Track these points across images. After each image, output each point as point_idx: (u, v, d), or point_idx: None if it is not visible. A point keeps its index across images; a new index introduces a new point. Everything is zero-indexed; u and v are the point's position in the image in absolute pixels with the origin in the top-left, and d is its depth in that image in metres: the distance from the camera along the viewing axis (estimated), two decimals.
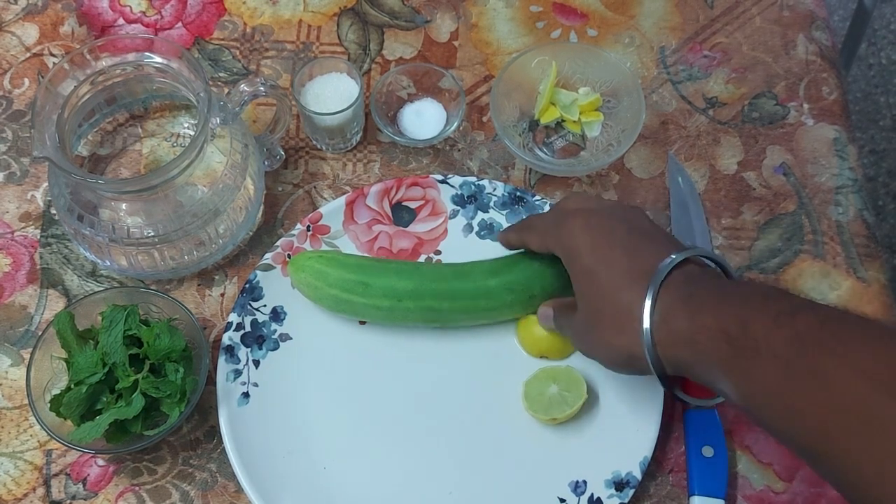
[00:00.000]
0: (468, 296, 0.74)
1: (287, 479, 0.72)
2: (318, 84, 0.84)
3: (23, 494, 0.73)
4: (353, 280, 0.73)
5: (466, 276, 0.74)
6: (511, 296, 0.74)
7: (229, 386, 0.75)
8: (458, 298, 0.73)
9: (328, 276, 0.74)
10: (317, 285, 0.74)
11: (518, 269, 0.74)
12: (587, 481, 0.72)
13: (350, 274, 0.74)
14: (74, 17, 0.92)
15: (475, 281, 0.74)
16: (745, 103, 0.89)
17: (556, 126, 0.87)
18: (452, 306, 0.74)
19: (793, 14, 0.93)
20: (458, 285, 0.74)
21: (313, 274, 0.74)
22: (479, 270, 0.74)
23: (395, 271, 0.74)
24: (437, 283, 0.74)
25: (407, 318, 0.75)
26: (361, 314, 0.75)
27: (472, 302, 0.74)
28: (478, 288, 0.74)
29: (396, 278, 0.73)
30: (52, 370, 0.73)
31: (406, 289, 0.73)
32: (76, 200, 0.75)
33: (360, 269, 0.74)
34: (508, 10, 0.93)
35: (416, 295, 0.73)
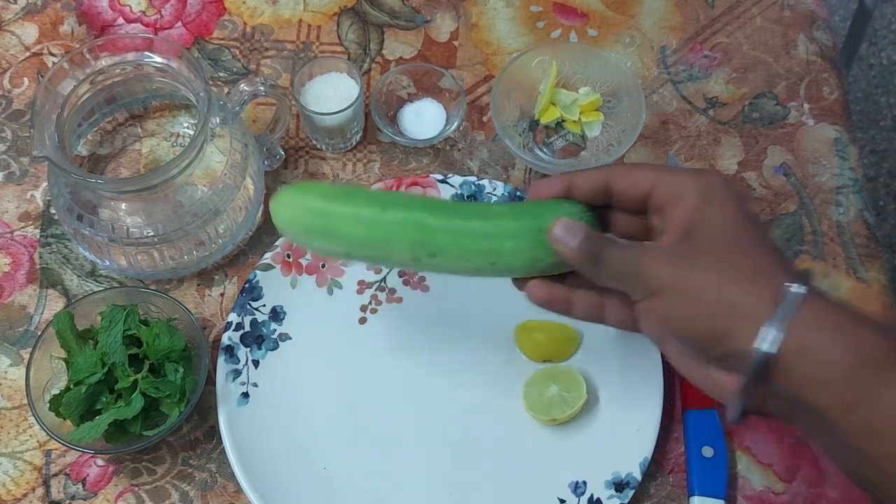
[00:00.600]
0: (462, 213, 0.62)
1: (286, 479, 0.72)
2: (317, 84, 0.84)
3: (22, 494, 0.73)
4: (338, 191, 0.63)
5: (464, 204, 0.67)
6: (515, 222, 0.61)
7: (229, 386, 0.75)
8: (451, 214, 0.61)
9: (309, 189, 0.64)
10: (293, 200, 0.63)
11: (528, 203, 0.63)
12: (587, 482, 0.72)
13: (337, 188, 0.64)
14: (74, 17, 0.92)
15: (474, 207, 0.65)
16: (746, 103, 0.89)
17: (557, 126, 0.87)
18: (444, 224, 0.61)
19: (793, 14, 0.93)
20: (455, 205, 0.65)
21: (295, 191, 0.64)
22: (481, 203, 0.66)
23: (382, 190, 0.66)
24: (430, 200, 0.66)
25: (391, 236, 0.61)
26: (336, 233, 0.62)
27: (466, 222, 0.61)
28: (477, 209, 0.63)
29: (383, 192, 0.65)
30: (51, 370, 0.73)
31: (394, 199, 0.62)
32: (76, 200, 0.75)
33: (350, 189, 0.65)
34: (509, 9, 0.93)
35: (405, 204, 0.61)
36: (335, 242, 0.62)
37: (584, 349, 0.77)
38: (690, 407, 0.75)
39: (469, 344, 0.77)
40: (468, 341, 0.78)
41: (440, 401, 0.76)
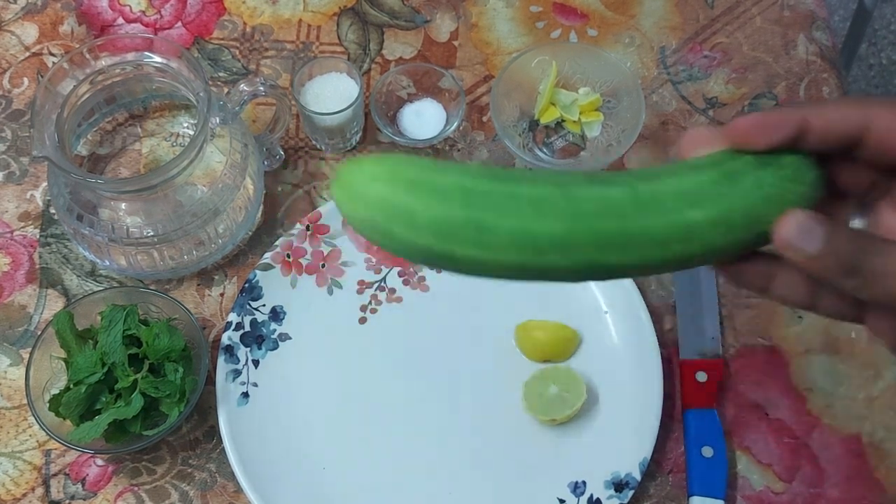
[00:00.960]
0: (654, 240, 0.43)
1: (286, 479, 0.72)
2: (317, 84, 0.84)
3: (22, 494, 0.73)
4: (458, 220, 0.41)
5: (650, 203, 0.43)
6: (727, 236, 0.43)
7: (229, 386, 0.75)
8: (636, 246, 0.43)
9: (415, 214, 0.41)
10: (392, 232, 0.42)
11: (738, 190, 0.43)
12: (586, 482, 0.72)
13: (452, 209, 0.41)
14: (74, 17, 0.92)
15: (666, 213, 0.43)
16: (746, 103, 0.89)
17: (556, 126, 0.87)
18: (625, 261, 0.43)
19: (793, 14, 0.93)
20: (638, 223, 0.43)
21: (386, 212, 0.41)
22: (671, 191, 0.43)
23: (529, 200, 0.42)
24: (602, 222, 0.42)
25: (549, 277, 0.44)
26: (471, 272, 0.44)
27: (660, 250, 0.43)
28: (671, 226, 0.43)
29: (533, 214, 0.42)
30: (51, 370, 0.73)
31: (553, 235, 0.42)
32: (75, 200, 0.75)
33: (467, 198, 0.41)
34: (508, 9, 0.93)
35: (569, 245, 0.42)
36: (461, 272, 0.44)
37: (584, 349, 0.77)
38: (690, 407, 0.75)
39: (469, 344, 0.77)
40: (468, 341, 0.78)
41: (439, 401, 0.76)
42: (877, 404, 0.76)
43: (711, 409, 0.74)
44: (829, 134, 0.43)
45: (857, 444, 0.75)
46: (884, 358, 0.78)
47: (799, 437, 0.75)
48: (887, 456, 0.75)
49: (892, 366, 0.77)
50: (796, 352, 0.78)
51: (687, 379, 0.76)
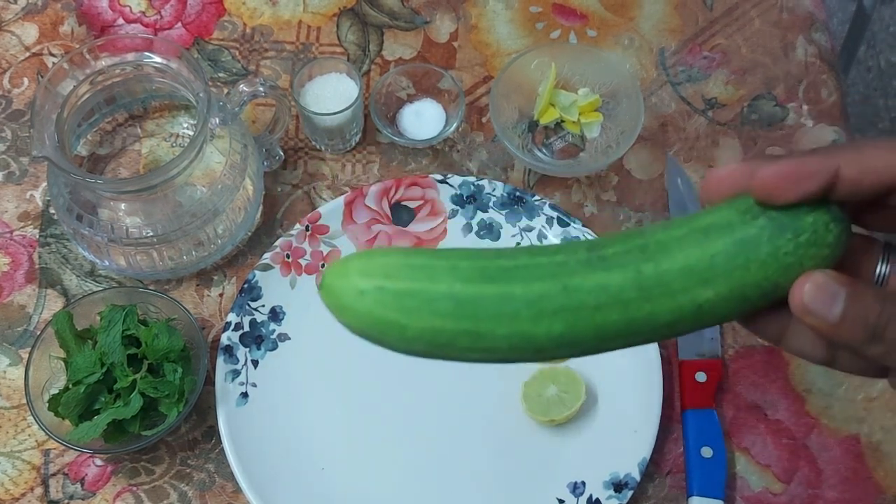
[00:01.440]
0: (661, 324, 0.40)
1: (285, 479, 0.72)
2: (317, 84, 0.84)
3: (21, 494, 0.73)
4: (449, 331, 0.41)
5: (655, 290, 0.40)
6: (739, 307, 0.41)
7: (228, 386, 0.75)
8: (641, 333, 0.41)
9: (405, 329, 0.42)
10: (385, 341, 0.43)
11: (752, 260, 0.39)
12: (586, 482, 0.72)
13: (443, 321, 0.41)
14: (74, 17, 0.92)
15: (676, 296, 0.40)
16: (745, 105, 0.89)
17: (556, 127, 0.87)
18: (630, 342, 0.42)
19: (792, 16, 0.93)
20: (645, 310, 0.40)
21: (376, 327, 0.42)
22: (675, 272, 0.40)
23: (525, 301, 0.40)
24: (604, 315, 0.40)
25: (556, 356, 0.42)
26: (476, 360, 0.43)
27: (667, 330, 0.41)
28: (679, 308, 0.40)
29: (531, 317, 0.40)
30: (50, 370, 0.73)
31: (552, 334, 0.40)
32: (75, 200, 0.75)
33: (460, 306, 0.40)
34: (508, 11, 0.93)
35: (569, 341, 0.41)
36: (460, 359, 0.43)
37: None
38: (689, 407, 0.75)
39: None
40: None
41: (438, 401, 0.76)
42: (875, 406, 0.76)
43: (710, 409, 0.75)
44: (864, 184, 0.39)
45: (856, 445, 0.75)
46: None
47: (797, 438, 0.75)
48: (885, 457, 0.75)
49: None
50: None
51: (686, 379, 0.76)
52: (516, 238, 0.81)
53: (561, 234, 0.80)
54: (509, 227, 0.81)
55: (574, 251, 0.40)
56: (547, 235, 0.80)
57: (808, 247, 0.39)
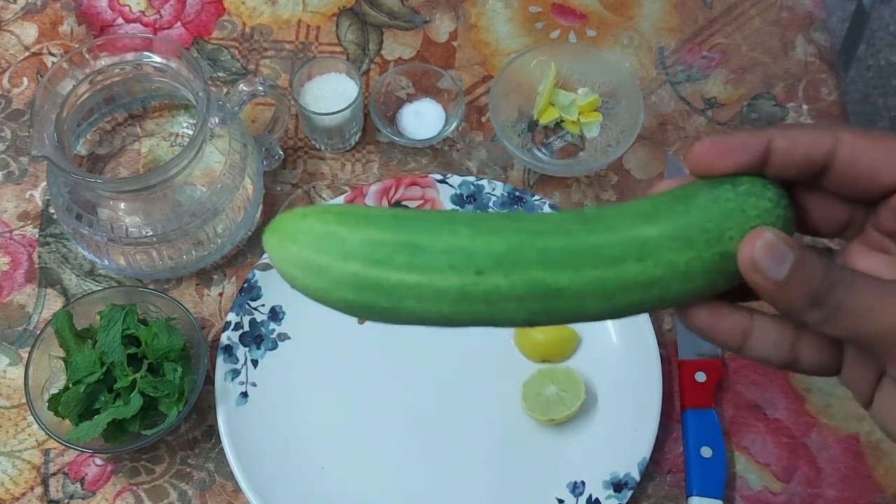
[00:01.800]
0: (607, 258, 0.39)
1: (285, 478, 0.72)
2: (316, 84, 0.84)
3: (21, 494, 0.73)
4: (389, 242, 0.38)
5: (601, 222, 0.40)
6: (686, 253, 0.39)
7: (227, 385, 0.75)
8: (587, 264, 0.39)
9: (344, 241, 0.39)
10: (320, 262, 0.40)
11: (694, 205, 0.40)
12: (585, 482, 0.72)
13: (384, 232, 0.39)
14: (73, 17, 0.92)
15: (619, 230, 0.39)
16: (744, 104, 0.89)
17: (555, 126, 0.87)
18: (578, 280, 0.39)
19: (791, 15, 0.93)
20: (588, 239, 0.39)
21: (315, 242, 0.40)
22: (620, 212, 0.40)
23: (466, 222, 0.39)
24: (547, 238, 0.39)
25: (494, 308, 0.40)
26: (408, 308, 0.40)
27: (614, 269, 0.39)
28: (624, 241, 0.39)
29: (470, 233, 0.39)
30: (50, 369, 0.73)
31: (491, 250, 0.38)
32: (75, 200, 0.75)
33: (402, 224, 0.39)
34: (507, 10, 0.93)
35: (513, 261, 0.38)
36: (405, 318, 0.41)
37: (583, 349, 0.77)
38: (689, 407, 0.75)
39: (467, 344, 0.77)
40: (467, 341, 0.78)
41: (438, 401, 0.76)
42: None
43: (710, 409, 0.75)
44: (794, 156, 0.40)
45: (855, 444, 0.75)
46: None
47: (797, 437, 0.75)
48: (885, 456, 0.75)
49: None
50: None
51: (686, 379, 0.76)
52: None
53: None
54: None
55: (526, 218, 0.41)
56: None
57: (747, 196, 0.40)
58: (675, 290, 0.40)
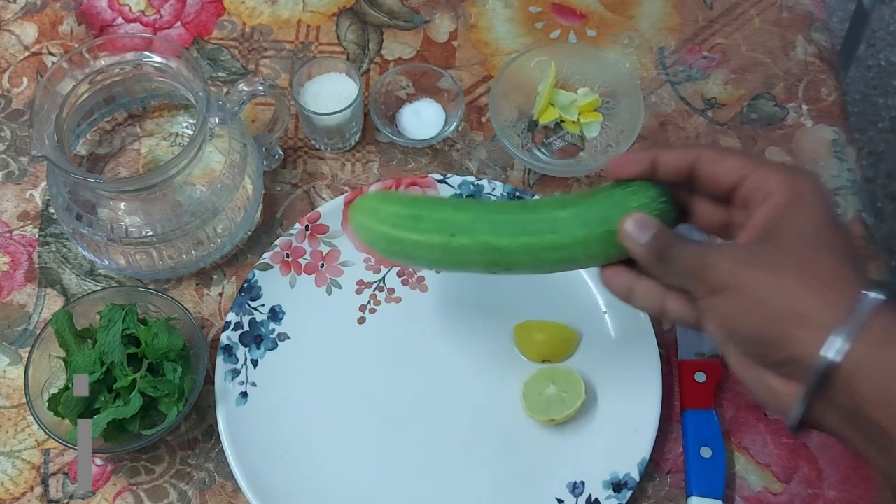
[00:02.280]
0: (532, 230, 0.62)
1: (285, 478, 0.72)
2: (316, 84, 0.84)
3: (20, 493, 0.73)
4: (405, 214, 0.65)
5: (533, 208, 0.64)
6: (584, 230, 0.60)
7: (227, 385, 0.75)
8: (520, 233, 0.62)
9: (380, 212, 0.66)
10: (368, 225, 0.66)
11: (595, 199, 0.61)
12: (585, 482, 0.72)
13: (403, 208, 0.65)
14: (73, 17, 0.92)
15: (542, 212, 0.62)
16: (744, 104, 0.89)
17: (555, 126, 0.87)
18: (514, 243, 0.62)
19: (792, 15, 0.93)
20: (521, 217, 0.63)
21: (367, 213, 0.67)
22: (548, 202, 0.64)
23: (451, 204, 0.66)
24: (496, 215, 0.63)
25: (464, 259, 0.64)
26: (414, 256, 0.66)
27: (537, 238, 0.61)
28: (544, 220, 0.62)
29: (451, 210, 0.64)
30: (50, 369, 0.73)
31: (461, 221, 0.63)
32: (75, 200, 0.75)
33: (414, 203, 0.66)
34: (507, 10, 0.93)
35: (472, 229, 0.63)
36: (415, 263, 0.71)
37: (583, 349, 0.77)
38: (689, 407, 0.75)
39: (467, 344, 0.77)
40: (466, 341, 0.78)
41: (438, 401, 0.76)
42: None
43: (710, 409, 0.75)
44: (671, 166, 0.59)
45: None
46: None
47: (797, 437, 0.75)
48: None
49: None
50: None
51: (686, 379, 0.76)
52: None
53: None
54: None
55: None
56: None
57: (632, 194, 0.60)
58: (579, 253, 0.61)
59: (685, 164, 0.59)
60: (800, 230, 0.54)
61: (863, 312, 0.49)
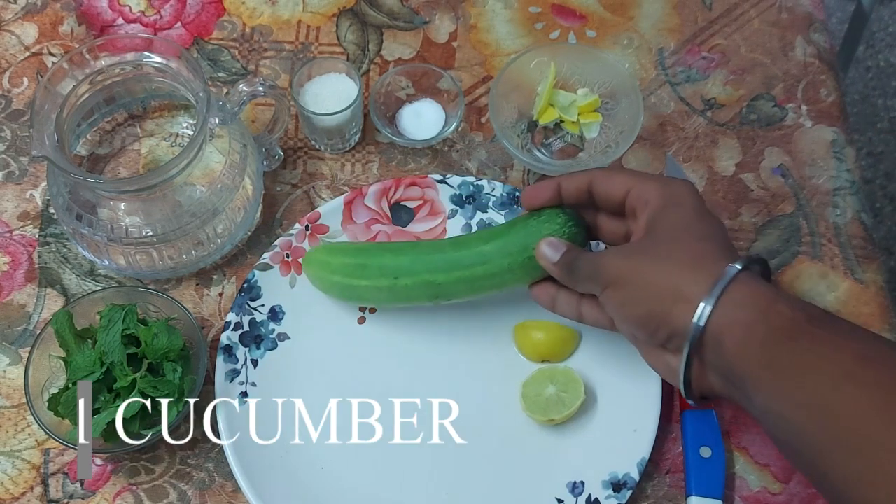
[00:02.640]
0: (464, 265, 0.71)
1: (285, 478, 0.72)
2: (316, 84, 0.84)
3: (20, 493, 0.73)
4: (351, 264, 0.74)
5: (461, 244, 0.72)
6: (508, 259, 0.70)
7: (227, 385, 0.75)
8: (454, 269, 0.71)
9: (330, 264, 0.75)
10: (322, 276, 0.75)
11: (514, 231, 0.71)
12: (585, 482, 0.72)
13: (349, 258, 0.74)
14: (74, 17, 0.92)
15: (470, 248, 0.71)
16: (744, 105, 0.89)
17: (555, 127, 0.87)
18: (449, 278, 0.71)
19: (791, 16, 0.93)
20: (453, 255, 0.72)
21: (318, 265, 0.76)
22: (474, 238, 0.73)
23: (390, 250, 0.74)
24: (431, 256, 0.72)
25: (408, 296, 0.73)
26: (366, 298, 0.76)
27: (469, 271, 0.71)
28: (473, 255, 0.71)
29: (392, 256, 0.73)
30: (50, 369, 0.73)
31: (401, 265, 0.72)
32: (75, 200, 0.75)
33: (358, 253, 0.75)
34: (507, 11, 0.93)
35: (412, 270, 0.72)
36: (368, 302, 0.77)
37: (583, 349, 0.77)
38: (688, 407, 0.75)
39: (467, 344, 0.77)
40: (466, 341, 0.78)
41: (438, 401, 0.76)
42: None
43: (709, 409, 0.75)
44: (571, 190, 0.69)
45: None
46: None
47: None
48: None
49: None
50: None
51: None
52: None
53: None
54: None
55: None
56: None
57: (544, 222, 0.69)
58: (507, 278, 0.71)
59: (583, 186, 0.68)
60: (673, 224, 0.63)
61: (723, 282, 0.58)
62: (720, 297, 0.58)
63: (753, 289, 0.59)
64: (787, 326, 0.57)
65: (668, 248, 0.63)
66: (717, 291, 0.58)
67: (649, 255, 0.63)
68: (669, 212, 0.64)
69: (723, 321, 0.58)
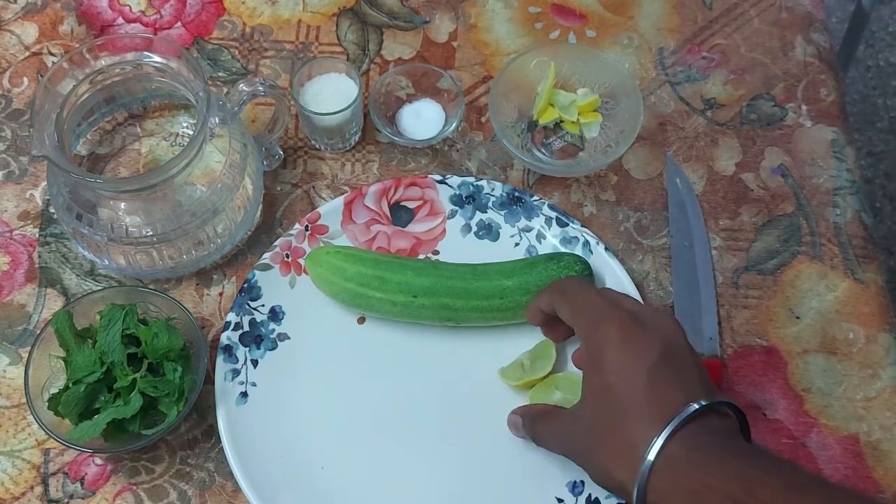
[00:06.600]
0: (483, 295, 0.74)
1: (285, 478, 0.72)
2: (316, 84, 0.84)
3: (20, 493, 0.73)
4: (370, 275, 0.74)
5: (482, 275, 0.75)
6: (526, 297, 0.74)
7: (227, 385, 0.75)
8: (472, 297, 0.74)
9: (345, 270, 0.75)
10: (333, 280, 0.75)
11: (535, 271, 0.75)
12: (585, 482, 0.72)
13: (367, 269, 0.74)
14: (74, 17, 0.92)
15: (491, 280, 0.74)
16: (744, 105, 0.89)
17: (555, 127, 0.87)
18: (467, 305, 0.74)
19: (791, 16, 0.93)
20: (474, 284, 0.74)
21: (330, 269, 0.75)
22: (495, 270, 0.75)
23: (412, 268, 0.75)
24: (452, 281, 0.74)
25: (421, 315, 0.75)
26: (376, 309, 0.76)
27: (487, 301, 0.74)
28: (493, 287, 0.74)
29: (413, 274, 0.74)
30: (50, 369, 0.73)
31: (422, 285, 0.74)
32: (75, 199, 0.75)
33: (378, 265, 0.75)
34: (507, 10, 0.93)
35: (432, 292, 0.74)
36: (375, 313, 0.77)
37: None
38: None
39: (469, 343, 0.77)
40: (467, 341, 0.78)
41: (438, 400, 0.76)
42: (874, 405, 0.76)
43: None
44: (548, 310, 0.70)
45: (855, 444, 0.75)
46: (881, 358, 0.78)
47: (797, 437, 0.75)
48: (885, 456, 0.75)
49: (890, 366, 0.78)
50: (794, 352, 0.78)
51: None
52: (515, 238, 0.81)
53: (560, 234, 0.80)
54: (508, 227, 0.81)
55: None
56: (546, 236, 0.81)
57: (563, 267, 0.75)
58: (519, 313, 0.75)
59: (549, 309, 0.70)
60: (596, 391, 0.63)
61: (671, 428, 0.58)
62: (645, 486, 0.58)
63: (675, 477, 0.57)
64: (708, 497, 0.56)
65: (599, 430, 0.62)
66: (641, 483, 0.58)
67: (588, 439, 0.63)
68: (594, 372, 0.63)
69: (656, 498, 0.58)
